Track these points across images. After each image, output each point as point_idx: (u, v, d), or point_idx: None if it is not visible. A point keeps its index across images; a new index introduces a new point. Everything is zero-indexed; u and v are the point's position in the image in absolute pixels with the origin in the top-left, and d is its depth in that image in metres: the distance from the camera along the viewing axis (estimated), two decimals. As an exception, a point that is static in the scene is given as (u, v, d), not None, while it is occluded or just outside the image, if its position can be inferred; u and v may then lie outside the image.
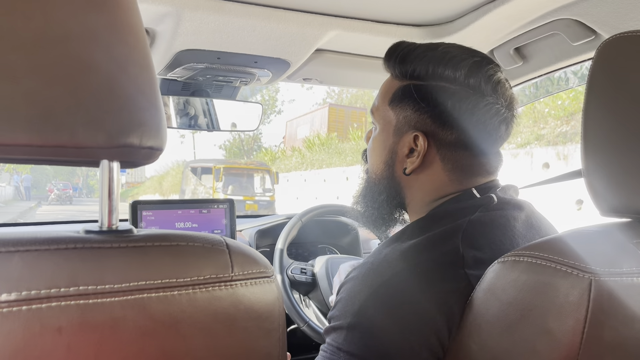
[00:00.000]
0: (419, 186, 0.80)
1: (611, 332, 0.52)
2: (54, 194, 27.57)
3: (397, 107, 0.80)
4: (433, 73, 0.76)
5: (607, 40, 0.60)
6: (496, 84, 0.75)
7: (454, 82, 0.75)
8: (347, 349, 0.64)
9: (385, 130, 0.82)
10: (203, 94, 1.46)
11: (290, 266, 1.46)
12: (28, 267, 0.38)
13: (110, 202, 0.46)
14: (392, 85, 0.82)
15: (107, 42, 0.41)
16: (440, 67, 0.75)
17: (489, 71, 0.75)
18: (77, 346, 0.39)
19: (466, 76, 0.74)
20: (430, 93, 0.76)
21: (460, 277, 0.65)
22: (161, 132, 0.44)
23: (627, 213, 0.59)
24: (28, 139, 0.38)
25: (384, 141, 0.83)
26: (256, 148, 19.68)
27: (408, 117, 0.79)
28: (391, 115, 0.81)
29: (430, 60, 0.76)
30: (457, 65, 0.74)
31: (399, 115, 0.80)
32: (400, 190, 0.83)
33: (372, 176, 0.86)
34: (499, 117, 0.76)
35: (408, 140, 0.78)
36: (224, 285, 0.46)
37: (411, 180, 0.81)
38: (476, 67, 0.75)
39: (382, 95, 0.83)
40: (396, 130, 0.80)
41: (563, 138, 5.40)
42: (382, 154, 0.83)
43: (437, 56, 0.76)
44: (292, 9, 1.06)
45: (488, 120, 0.75)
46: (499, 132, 0.77)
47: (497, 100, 0.75)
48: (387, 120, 0.82)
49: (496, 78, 0.76)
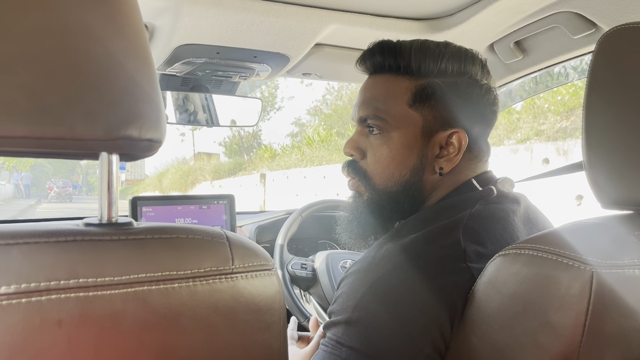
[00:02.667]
0: (445, 184, 0.78)
1: (612, 325, 0.52)
2: (54, 192, 27.59)
3: (423, 107, 0.76)
4: (457, 69, 0.76)
5: (607, 33, 0.59)
6: (490, 75, 0.81)
7: (475, 75, 0.77)
8: (348, 343, 0.64)
9: (409, 133, 0.76)
10: (202, 89, 1.46)
11: (291, 261, 1.46)
12: (27, 259, 0.38)
13: (110, 195, 0.46)
14: (404, 84, 0.76)
15: (105, 35, 0.41)
16: (461, 63, 0.76)
17: (486, 63, 0.80)
18: (77, 339, 0.39)
19: (482, 70, 0.78)
20: (461, 88, 0.76)
21: (463, 270, 0.65)
22: (160, 125, 0.44)
23: (628, 205, 0.59)
24: (26, 131, 0.38)
25: (408, 145, 0.76)
26: (256, 145, 19.66)
27: (439, 115, 0.76)
28: (415, 116, 0.76)
29: (451, 56, 0.76)
30: (474, 59, 0.77)
31: (426, 115, 0.76)
32: (422, 194, 0.78)
33: (387, 187, 0.78)
34: (497, 106, 0.81)
35: (441, 139, 0.76)
36: (225, 278, 0.46)
37: (439, 181, 0.78)
38: (482, 61, 0.79)
39: (394, 97, 0.77)
40: (425, 131, 0.76)
41: (563, 133, 5.39)
42: (407, 160, 0.76)
43: (455, 52, 0.76)
44: (292, 3, 1.05)
45: (495, 110, 0.80)
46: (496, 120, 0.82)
47: (495, 91, 0.81)
48: (410, 123, 0.76)
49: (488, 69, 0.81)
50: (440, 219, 0.71)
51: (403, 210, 0.79)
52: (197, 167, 19.14)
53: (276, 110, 20.45)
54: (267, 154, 14.67)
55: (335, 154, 10.48)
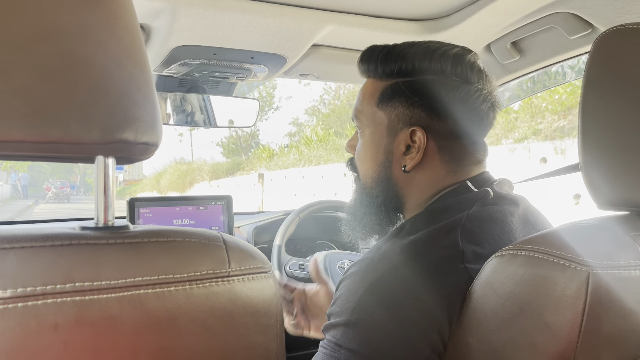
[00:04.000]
0: (417, 183, 0.80)
1: (609, 325, 0.52)
2: (52, 192, 27.54)
3: (387, 106, 0.80)
4: (420, 68, 0.77)
5: (603, 33, 0.59)
6: (479, 72, 0.78)
7: (442, 73, 0.77)
8: (347, 345, 0.64)
9: (377, 131, 0.81)
10: (199, 90, 1.46)
11: (289, 262, 1.46)
12: (23, 263, 0.38)
13: (106, 198, 0.46)
14: (375, 86, 0.82)
15: (101, 38, 0.41)
16: (426, 61, 0.77)
17: (470, 59, 0.78)
18: (73, 343, 0.39)
19: (453, 66, 0.76)
20: (421, 87, 0.77)
21: (461, 271, 0.65)
22: (156, 128, 0.44)
23: (625, 206, 0.59)
24: (22, 135, 0.38)
25: (376, 143, 0.82)
26: (254, 145, 19.65)
27: (401, 114, 0.79)
28: (381, 115, 0.80)
29: (414, 56, 0.78)
30: (442, 57, 0.77)
31: (390, 114, 0.80)
32: (398, 191, 0.82)
33: (365, 182, 0.85)
34: (487, 103, 0.79)
35: (404, 137, 0.78)
36: (221, 281, 0.46)
37: (409, 178, 0.80)
38: (460, 56, 0.77)
39: (367, 98, 0.83)
40: (389, 130, 0.80)
41: (560, 133, 5.40)
42: (377, 157, 0.82)
43: (421, 51, 0.78)
44: (288, 4, 1.05)
45: (479, 107, 0.78)
46: (488, 119, 0.80)
47: (483, 87, 0.78)
48: (378, 122, 0.81)
49: (478, 66, 0.79)
50: (438, 221, 0.71)
51: (381, 205, 0.84)
52: (195, 167, 19.13)
53: (274, 110, 20.45)
54: (265, 154, 14.66)
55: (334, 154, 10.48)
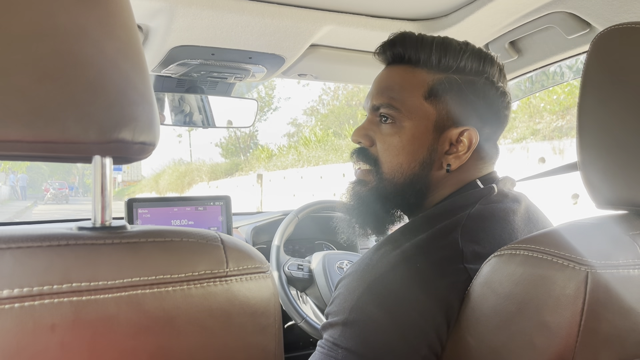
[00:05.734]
0: (450, 183, 0.78)
1: (608, 325, 0.52)
2: (50, 193, 27.51)
3: (438, 101, 0.76)
4: (475, 69, 0.77)
5: (601, 33, 0.59)
6: (505, 77, 0.81)
7: (492, 77, 0.78)
8: (344, 345, 0.64)
9: (421, 125, 0.76)
10: (198, 91, 1.46)
11: (287, 262, 1.45)
12: (20, 264, 0.38)
13: (103, 198, 0.45)
14: (423, 77, 0.77)
15: (98, 37, 0.40)
16: (481, 64, 0.77)
17: (501, 65, 0.80)
18: (70, 344, 0.39)
19: (499, 73, 0.79)
20: (476, 88, 0.77)
21: (460, 271, 0.65)
22: (154, 127, 0.43)
23: (623, 205, 0.59)
24: (18, 135, 0.37)
25: (418, 138, 0.76)
26: (252, 145, 19.64)
27: (452, 112, 0.76)
28: (429, 109, 0.76)
29: (471, 55, 0.76)
30: (492, 62, 0.78)
31: (440, 109, 0.76)
32: (426, 189, 0.78)
33: (393, 176, 0.78)
34: (509, 109, 0.81)
35: (451, 135, 0.76)
36: (219, 281, 0.46)
37: (446, 178, 0.78)
38: (500, 65, 0.80)
39: (410, 89, 0.77)
40: (437, 126, 0.76)
41: (559, 133, 5.41)
42: (417, 152, 0.77)
43: (475, 52, 0.77)
44: (286, 4, 1.05)
45: (507, 114, 0.81)
46: (507, 122, 0.82)
47: (507, 93, 0.81)
48: (424, 115, 0.76)
49: (504, 72, 0.81)
50: (440, 220, 0.71)
51: (406, 203, 0.80)
52: (194, 167, 19.11)
53: (273, 111, 20.45)
54: (264, 154, 14.65)
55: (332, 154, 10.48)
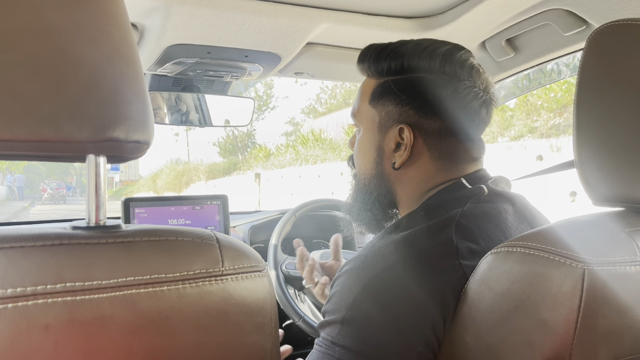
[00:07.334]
0: (408, 180, 0.81)
1: (605, 321, 0.52)
2: (48, 194, 27.49)
3: (378, 104, 0.82)
4: (409, 66, 0.78)
5: (597, 30, 0.59)
6: (470, 69, 0.78)
7: (431, 71, 0.77)
8: (342, 343, 0.64)
9: (370, 129, 0.83)
10: (194, 90, 1.45)
11: (285, 261, 1.45)
12: (13, 264, 0.38)
13: (97, 197, 0.45)
14: (369, 85, 0.84)
15: (91, 35, 0.40)
16: (415, 59, 0.78)
17: (461, 57, 0.78)
18: (64, 344, 0.38)
19: (441, 64, 0.77)
20: (409, 85, 0.78)
21: (455, 268, 0.65)
22: (148, 126, 0.43)
23: (620, 202, 0.59)
24: (11, 134, 0.37)
25: (369, 140, 0.84)
26: (250, 145, 19.62)
27: (390, 112, 0.80)
28: (373, 113, 0.82)
29: (404, 54, 0.79)
30: (431, 54, 0.77)
31: (381, 112, 0.81)
32: (390, 187, 0.84)
33: (361, 178, 0.87)
34: (478, 101, 0.78)
35: (393, 134, 0.80)
36: (215, 280, 0.46)
37: (400, 175, 0.81)
38: (449, 54, 0.77)
39: (362, 96, 0.85)
40: (380, 127, 0.82)
41: (556, 130, 5.42)
42: (369, 153, 0.84)
43: (410, 49, 0.79)
44: (282, 2, 1.05)
45: (469, 104, 0.77)
46: (480, 116, 0.79)
47: (474, 84, 0.78)
48: (370, 119, 0.83)
49: (469, 63, 0.79)
50: (432, 217, 0.71)
51: (375, 200, 0.86)
52: (192, 167, 19.09)
53: (270, 110, 20.45)
54: (262, 153, 14.64)
55: (330, 153, 10.48)
